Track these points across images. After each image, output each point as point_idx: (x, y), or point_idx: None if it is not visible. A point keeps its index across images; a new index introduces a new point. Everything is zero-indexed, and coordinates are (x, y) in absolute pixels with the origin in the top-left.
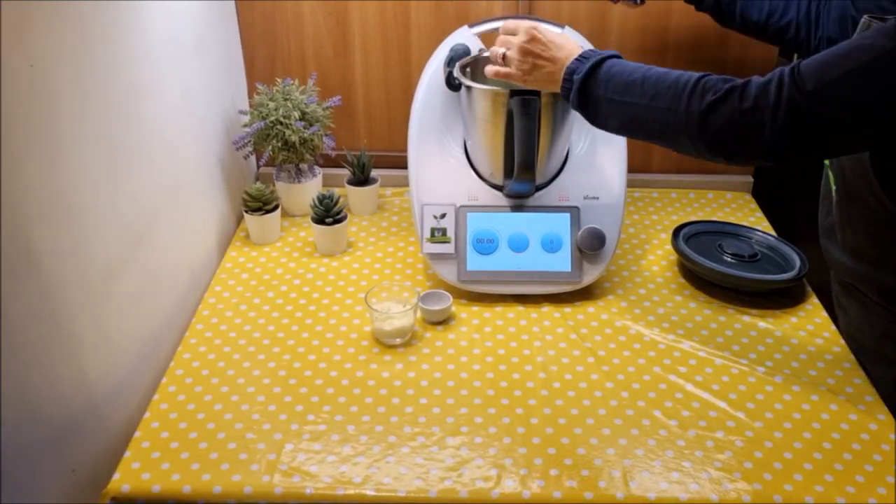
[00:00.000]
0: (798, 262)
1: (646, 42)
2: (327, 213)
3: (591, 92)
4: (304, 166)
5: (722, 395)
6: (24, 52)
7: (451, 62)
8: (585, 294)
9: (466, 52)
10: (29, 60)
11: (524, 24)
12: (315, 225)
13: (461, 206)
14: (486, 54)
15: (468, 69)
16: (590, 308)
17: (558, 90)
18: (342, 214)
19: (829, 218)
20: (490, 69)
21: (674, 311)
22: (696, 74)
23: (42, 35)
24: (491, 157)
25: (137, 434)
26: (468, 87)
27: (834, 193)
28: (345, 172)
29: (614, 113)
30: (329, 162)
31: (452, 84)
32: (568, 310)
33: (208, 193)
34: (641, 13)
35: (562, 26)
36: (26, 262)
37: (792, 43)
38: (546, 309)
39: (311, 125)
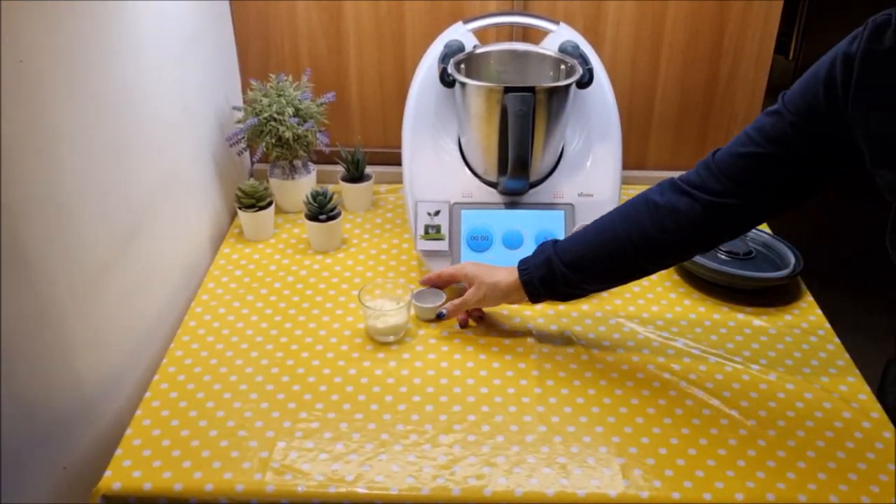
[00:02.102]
0: (793, 260)
1: (641, 37)
2: (321, 209)
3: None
4: (297, 163)
5: (715, 394)
6: (13, 48)
7: (445, 58)
8: None
9: (461, 48)
10: (18, 56)
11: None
12: (309, 222)
13: (455, 203)
14: (480, 50)
15: (462, 65)
16: (584, 305)
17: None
18: (336, 211)
19: None
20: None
21: (668, 308)
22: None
23: (32, 30)
24: (485, 153)
25: (129, 432)
26: (462, 84)
27: None
28: (339, 169)
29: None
30: (323, 158)
31: (447, 80)
32: (562, 307)
33: (201, 190)
34: (636, 9)
35: (556, 22)
36: (16, 259)
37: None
38: (540, 306)
39: (304, 121)
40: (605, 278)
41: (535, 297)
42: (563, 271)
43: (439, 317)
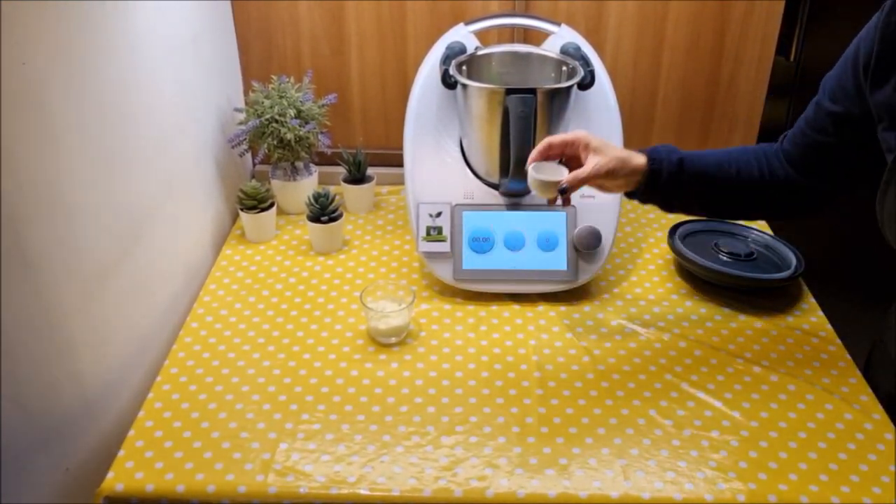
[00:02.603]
0: (794, 261)
1: (642, 39)
2: (323, 211)
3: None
4: (299, 164)
5: (717, 395)
6: (15, 50)
7: (447, 60)
8: (581, 293)
9: (462, 49)
10: (21, 58)
11: None
12: (310, 223)
13: (457, 205)
14: (482, 52)
15: (464, 67)
16: (585, 307)
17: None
18: (338, 213)
19: None
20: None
21: (669, 310)
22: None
23: (34, 33)
24: (487, 155)
25: (131, 433)
26: (464, 85)
27: None
28: (340, 170)
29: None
30: (325, 160)
31: (448, 82)
32: (563, 308)
33: (203, 191)
34: (638, 11)
35: (558, 24)
36: (19, 260)
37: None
38: (542, 308)
39: (306, 123)
40: (715, 201)
41: (649, 190)
42: (690, 177)
43: (562, 192)
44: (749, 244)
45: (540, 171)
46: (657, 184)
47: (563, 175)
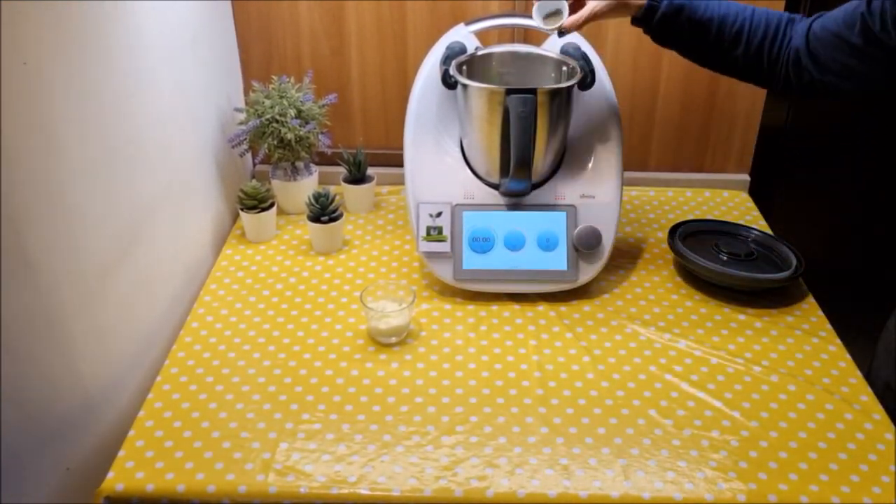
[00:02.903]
0: (794, 262)
1: (642, 38)
2: (323, 211)
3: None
4: (299, 164)
5: (717, 395)
6: (16, 50)
7: (447, 60)
8: (581, 293)
9: (463, 49)
10: (22, 58)
11: None
12: (311, 223)
13: (457, 205)
14: (482, 52)
15: (464, 67)
16: (585, 307)
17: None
18: (338, 213)
19: None
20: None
21: (670, 310)
22: None
23: (35, 32)
24: (487, 155)
25: (132, 433)
26: (464, 85)
27: None
28: (341, 170)
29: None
30: (325, 160)
31: (449, 82)
32: (564, 308)
33: (204, 191)
34: None
35: None
36: (20, 260)
37: None
38: (542, 307)
39: (306, 123)
40: (706, 53)
41: (644, 17)
42: (685, 24)
43: (560, 34)
44: (749, 244)
45: (542, 10)
46: (650, 22)
47: (564, 16)
